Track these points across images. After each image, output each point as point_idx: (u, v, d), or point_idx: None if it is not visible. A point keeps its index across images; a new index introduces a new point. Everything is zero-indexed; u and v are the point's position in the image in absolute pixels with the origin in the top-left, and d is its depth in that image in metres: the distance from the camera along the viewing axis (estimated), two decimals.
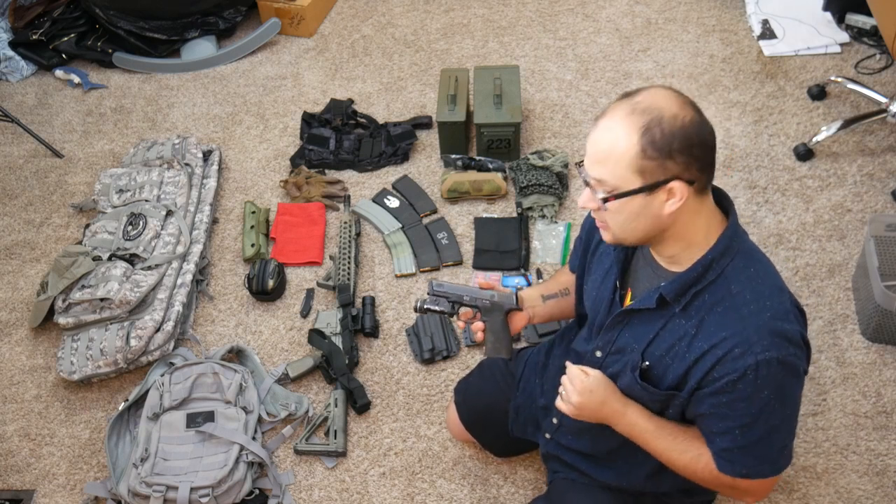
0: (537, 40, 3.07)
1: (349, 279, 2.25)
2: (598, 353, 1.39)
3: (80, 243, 2.37)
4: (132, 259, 2.27)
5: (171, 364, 2.09)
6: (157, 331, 2.13)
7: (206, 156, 2.66)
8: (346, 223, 2.38)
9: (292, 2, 3.14)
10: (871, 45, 2.82)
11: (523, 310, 1.58)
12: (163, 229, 2.34)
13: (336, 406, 1.99)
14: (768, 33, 2.92)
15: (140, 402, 2.04)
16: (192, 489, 1.81)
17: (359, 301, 2.26)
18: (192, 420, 1.94)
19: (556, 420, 1.56)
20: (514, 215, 2.43)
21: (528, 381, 1.68)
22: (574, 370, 1.37)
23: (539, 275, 2.28)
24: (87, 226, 2.42)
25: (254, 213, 2.48)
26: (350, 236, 2.35)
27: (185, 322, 2.24)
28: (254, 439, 1.93)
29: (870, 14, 2.72)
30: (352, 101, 2.88)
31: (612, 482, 1.51)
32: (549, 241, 2.34)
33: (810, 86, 2.70)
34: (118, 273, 2.17)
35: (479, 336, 1.53)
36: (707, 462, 1.28)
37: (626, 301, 1.35)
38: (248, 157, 2.75)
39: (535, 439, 1.67)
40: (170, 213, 2.39)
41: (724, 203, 1.25)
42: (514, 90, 2.57)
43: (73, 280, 2.18)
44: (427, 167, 2.64)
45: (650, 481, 1.46)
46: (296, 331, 2.23)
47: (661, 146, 1.11)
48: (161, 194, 2.45)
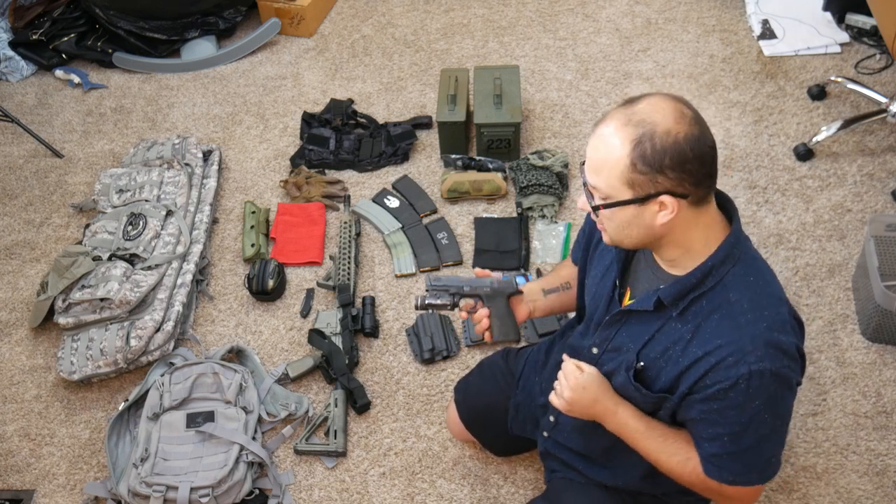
0: (537, 40, 3.07)
1: (349, 279, 2.25)
2: (594, 350, 1.39)
3: (80, 243, 2.37)
4: (132, 259, 2.27)
5: (171, 364, 2.09)
6: (157, 331, 2.13)
7: (206, 156, 2.66)
8: (346, 223, 2.38)
9: (292, 2, 3.14)
10: (871, 45, 2.82)
11: (523, 292, 1.58)
12: (163, 229, 2.34)
13: (336, 406, 2.00)
14: (768, 33, 2.92)
15: (140, 402, 2.04)
16: (192, 489, 1.81)
17: (359, 301, 2.26)
18: (192, 420, 1.94)
19: (553, 417, 1.56)
20: (514, 215, 2.43)
21: (528, 379, 1.69)
22: (569, 366, 1.37)
23: (539, 274, 2.27)
24: (87, 226, 2.42)
25: (254, 213, 2.48)
26: (350, 236, 2.35)
27: (185, 322, 2.24)
28: (254, 439, 1.93)
29: (870, 14, 2.72)
30: (352, 101, 2.88)
31: (609, 482, 1.51)
32: (549, 241, 2.34)
33: (810, 86, 2.70)
34: (118, 273, 2.17)
35: (484, 323, 1.52)
36: (695, 466, 1.29)
37: (625, 300, 1.35)
38: (248, 157, 2.75)
39: (534, 437, 1.67)
40: (170, 213, 2.39)
41: (729, 208, 1.25)
42: (514, 90, 2.57)
43: (73, 280, 2.18)
44: (427, 167, 2.64)
45: (646, 482, 1.45)
46: (296, 331, 2.23)
47: (652, 161, 1.11)
48: (161, 194, 2.45)
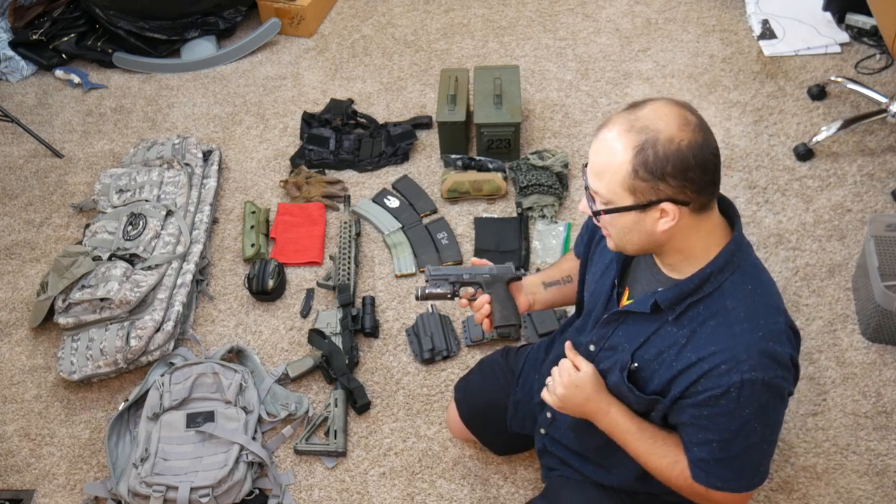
0: (537, 40, 3.07)
1: (349, 279, 2.25)
2: (591, 347, 1.39)
3: (80, 243, 2.37)
4: (132, 259, 2.27)
5: (171, 364, 2.09)
6: (157, 331, 2.13)
7: (206, 156, 2.66)
8: (346, 223, 2.38)
9: (292, 2, 3.14)
10: (871, 45, 2.82)
11: (521, 278, 1.57)
12: (163, 229, 2.34)
13: (336, 406, 1.99)
14: (768, 33, 2.92)
15: (140, 402, 2.04)
16: (192, 489, 1.81)
17: (359, 301, 2.26)
18: (192, 420, 1.94)
19: (550, 414, 1.56)
20: (514, 215, 2.43)
21: (528, 376, 1.69)
22: (566, 363, 1.38)
23: None
24: (87, 226, 2.42)
25: (254, 213, 2.48)
26: (350, 236, 2.35)
27: (185, 322, 2.24)
28: (254, 439, 1.93)
29: (870, 14, 2.72)
30: (352, 101, 2.88)
31: (604, 481, 1.51)
32: (549, 241, 2.34)
33: (810, 86, 2.70)
34: (118, 273, 2.17)
35: (485, 309, 1.51)
36: (683, 469, 1.29)
37: (623, 300, 1.36)
38: (248, 157, 2.75)
39: (533, 434, 1.67)
40: (170, 213, 2.39)
41: (731, 214, 1.24)
42: (514, 90, 2.57)
43: (73, 280, 2.18)
44: (427, 167, 2.64)
45: (641, 482, 1.45)
46: (296, 331, 2.23)
47: (654, 168, 1.11)
48: (161, 194, 2.45)
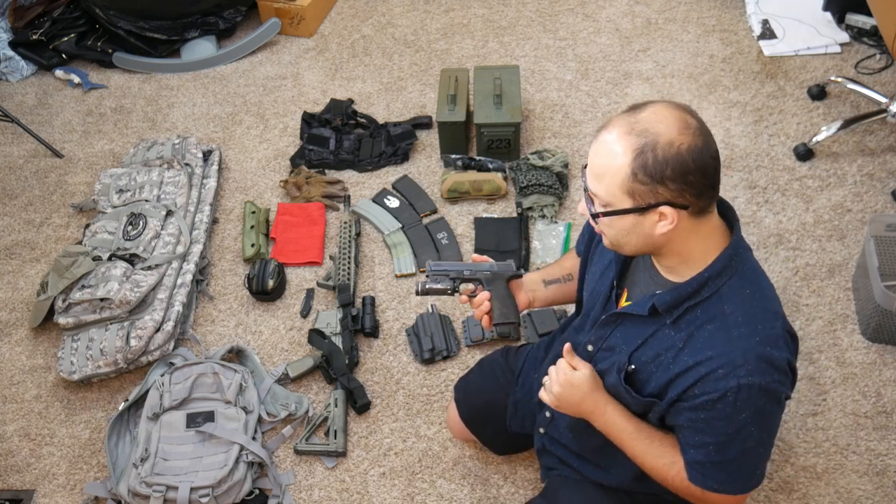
0: (537, 40, 3.07)
1: (349, 279, 2.25)
2: (589, 347, 1.39)
3: (80, 243, 2.37)
4: (132, 259, 2.27)
5: (171, 364, 2.09)
6: (157, 331, 2.13)
7: (206, 156, 2.66)
8: (346, 223, 2.38)
9: (292, 2, 3.14)
10: (871, 45, 2.82)
11: (522, 275, 1.57)
12: (163, 229, 2.34)
13: (336, 406, 1.99)
14: (768, 33, 2.92)
15: (140, 402, 2.04)
16: (192, 489, 1.81)
17: (359, 301, 2.26)
18: (192, 420, 1.94)
19: (548, 413, 1.56)
20: (514, 215, 2.43)
21: (528, 375, 1.69)
22: (563, 363, 1.38)
23: None
24: (87, 226, 2.42)
25: (254, 213, 2.48)
26: (350, 236, 2.35)
27: (185, 322, 2.24)
28: (254, 439, 1.93)
29: (870, 14, 2.72)
30: (352, 101, 2.88)
31: (603, 481, 1.51)
32: (549, 241, 2.34)
33: (810, 86, 2.70)
34: (118, 273, 2.17)
35: (485, 306, 1.51)
36: (679, 470, 1.29)
37: (622, 301, 1.36)
38: (248, 157, 2.75)
39: (532, 434, 1.67)
40: (170, 213, 2.39)
41: (730, 217, 1.24)
42: (514, 90, 2.57)
43: (73, 280, 2.18)
44: (427, 167, 2.64)
45: (639, 483, 1.45)
46: (296, 331, 2.23)
47: (653, 172, 1.11)
48: (161, 194, 2.45)
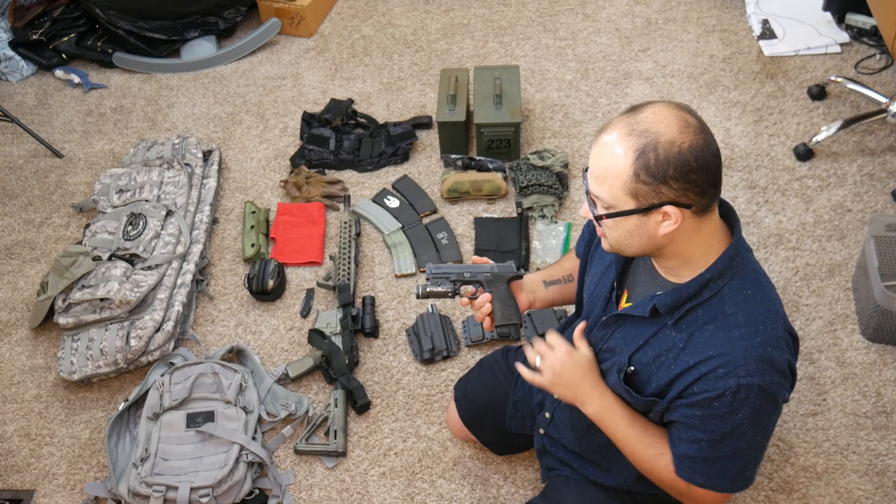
0: (537, 40, 3.07)
1: (349, 279, 2.25)
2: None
3: (80, 243, 2.37)
4: (132, 259, 2.27)
5: (171, 364, 2.09)
6: (157, 331, 2.13)
7: (206, 156, 2.66)
8: (346, 223, 2.38)
9: (292, 2, 3.14)
10: (871, 45, 2.82)
11: (523, 276, 1.57)
12: (163, 229, 2.34)
13: (336, 406, 1.99)
14: (768, 33, 2.92)
15: (140, 402, 2.04)
16: (192, 489, 1.81)
17: (359, 301, 2.26)
18: (192, 420, 1.94)
19: (548, 414, 1.56)
20: (514, 215, 2.43)
21: None
22: (558, 340, 1.36)
23: None
24: (87, 226, 2.42)
25: (254, 213, 2.48)
26: (350, 236, 2.35)
27: (185, 322, 2.24)
28: (254, 439, 1.93)
29: (870, 14, 2.72)
30: (352, 101, 2.88)
31: (604, 482, 1.50)
32: (549, 241, 2.34)
33: (810, 86, 2.70)
34: (118, 273, 2.17)
35: (486, 308, 1.50)
36: (668, 463, 1.29)
37: (622, 302, 1.35)
38: (248, 157, 2.75)
39: (532, 434, 1.67)
40: (170, 213, 2.39)
41: (731, 219, 1.24)
42: (514, 90, 2.57)
43: (73, 280, 2.18)
44: (427, 167, 2.64)
45: (640, 483, 1.45)
46: (296, 331, 2.23)
47: (655, 171, 1.11)
48: (161, 194, 2.45)
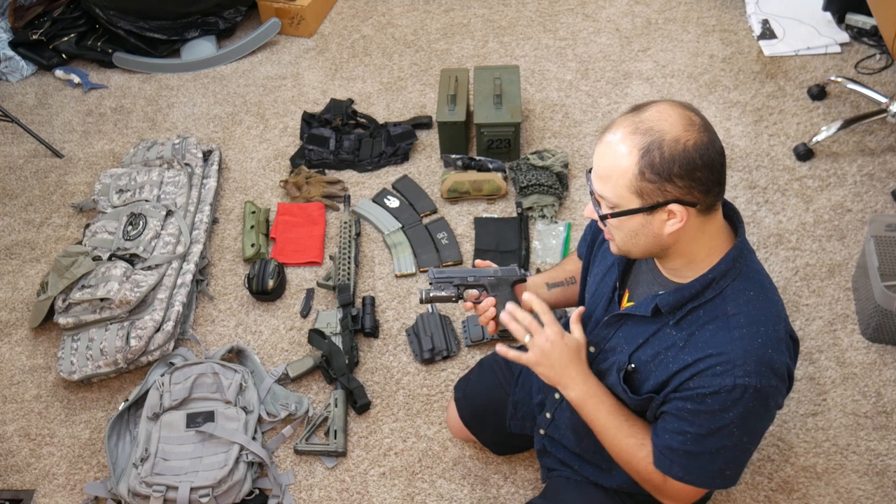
0: (537, 40, 3.07)
1: (349, 279, 2.25)
2: (591, 349, 1.39)
3: (80, 243, 2.37)
4: (132, 259, 2.27)
5: (171, 364, 2.09)
6: (157, 331, 2.13)
7: (206, 156, 2.66)
8: (346, 223, 2.38)
9: (292, 2, 3.14)
10: (871, 45, 2.82)
11: (526, 280, 1.56)
12: (163, 229, 2.34)
13: (336, 406, 1.99)
14: (768, 33, 2.92)
15: (140, 402, 2.04)
16: (192, 489, 1.81)
17: (359, 301, 2.26)
18: (192, 420, 1.94)
19: (549, 414, 1.56)
20: (514, 215, 2.43)
21: (527, 376, 1.69)
22: (552, 319, 1.33)
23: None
24: (87, 226, 2.42)
25: (254, 213, 2.48)
26: (350, 236, 2.35)
27: (185, 322, 2.24)
28: (254, 439, 1.93)
29: (870, 14, 2.72)
30: (352, 101, 2.88)
31: (604, 482, 1.50)
32: (549, 241, 2.34)
33: (810, 86, 2.70)
34: (118, 273, 2.17)
35: (490, 312, 1.49)
36: (648, 454, 1.29)
37: (624, 302, 1.35)
38: (248, 157, 2.75)
39: (532, 434, 1.67)
40: (170, 213, 2.39)
41: (735, 219, 1.24)
42: (514, 90, 2.57)
43: (73, 280, 2.18)
44: (427, 167, 2.64)
45: (640, 485, 1.45)
46: (296, 331, 2.23)
47: (660, 169, 1.10)
48: (161, 194, 2.45)
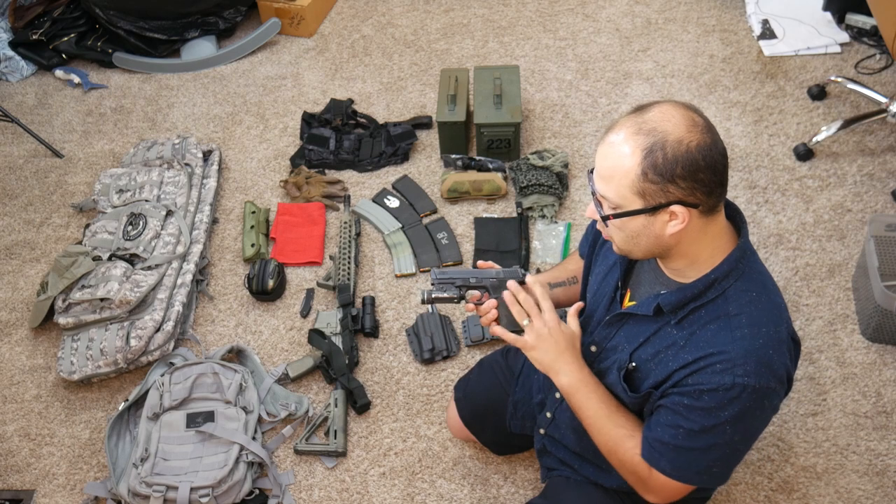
0: (537, 40, 3.07)
1: (349, 279, 2.25)
2: (593, 348, 1.39)
3: (80, 243, 2.37)
4: (132, 259, 2.27)
5: (171, 364, 2.09)
6: (157, 331, 2.13)
7: (206, 156, 2.66)
8: (346, 223, 2.38)
9: (292, 2, 3.14)
10: (871, 45, 2.82)
11: (527, 282, 1.56)
12: (163, 229, 2.34)
13: (336, 406, 1.99)
14: (768, 33, 2.92)
15: (140, 402, 2.04)
16: (192, 489, 1.81)
17: (359, 301, 2.26)
18: (192, 420, 1.94)
19: (549, 414, 1.56)
20: (514, 215, 2.43)
21: (527, 376, 1.69)
22: (550, 307, 1.34)
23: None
24: (87, 226, 2.42)
25: (254, 213, 2.48)
26: (350, 236, 2.35)
27: (185, 322, 2.24)
28: (254, 439, 1.93)
29: (870, 14, 2.72)
30: (352, 101, 2.88)
31: (604, 482, 1.50)
32: (549, 241, 2.34)
33: (810, 86, 2.70)
34: (118, 273, 2.17)
35: (492, 314, 1.48)
36: (635, 445, 1.28)
37: (625, 301, 1.35)
38: (248, 157, 2.75)
39: (532, 434, 1.67)
40: (170, 213, 2.39)
41: (738, 220, 1.24)
42: (514, 90, 2.57)
43: (73, 280, 2.18)
44: (427, 167, 2.64)
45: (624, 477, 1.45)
46: (296, 331, 2.23)
47: (663, 170, 1.10)
48: (161, 194, 2.45)
